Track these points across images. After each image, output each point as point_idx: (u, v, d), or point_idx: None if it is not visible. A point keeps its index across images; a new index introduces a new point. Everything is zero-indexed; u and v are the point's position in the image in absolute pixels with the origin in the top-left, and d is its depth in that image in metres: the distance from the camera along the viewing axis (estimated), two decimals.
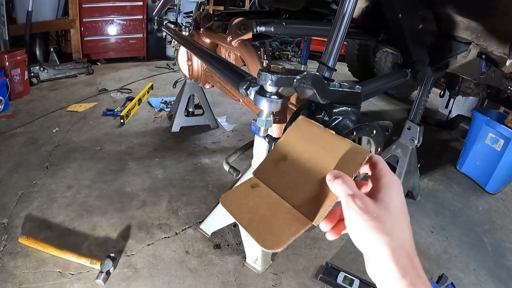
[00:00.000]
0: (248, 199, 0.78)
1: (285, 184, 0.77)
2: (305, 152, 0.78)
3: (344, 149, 0.72)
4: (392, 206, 0.59)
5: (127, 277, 2.19)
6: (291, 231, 0.68)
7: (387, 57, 5.91)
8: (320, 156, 0.74)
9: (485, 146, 3.49)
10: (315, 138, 0.79)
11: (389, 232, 0.56)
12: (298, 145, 0.80)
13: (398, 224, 0.58)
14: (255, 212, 0.74)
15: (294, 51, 8.57)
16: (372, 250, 0.57)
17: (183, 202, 2.90)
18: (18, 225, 2.51)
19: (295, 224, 0.69)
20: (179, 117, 4.08)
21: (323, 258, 2.45)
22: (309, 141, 0.79)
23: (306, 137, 0.81)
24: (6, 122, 4.06)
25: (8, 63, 4.56)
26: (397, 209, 0.60)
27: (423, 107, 2.88)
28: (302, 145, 0.80)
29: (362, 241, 0.58)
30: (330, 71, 1.25)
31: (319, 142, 0.77)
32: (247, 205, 0.76)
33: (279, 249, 0.65)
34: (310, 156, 0.76)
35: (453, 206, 3.25)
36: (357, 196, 0.59)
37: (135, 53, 7.33)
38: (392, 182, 0.63)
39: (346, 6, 1.23)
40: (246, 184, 0.82)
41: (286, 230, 0.68)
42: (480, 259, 2.64)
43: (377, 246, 0.56)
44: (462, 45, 2.29)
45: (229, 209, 0.77)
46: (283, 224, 0.70)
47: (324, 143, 0.76)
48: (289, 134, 0.84)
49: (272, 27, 2.08)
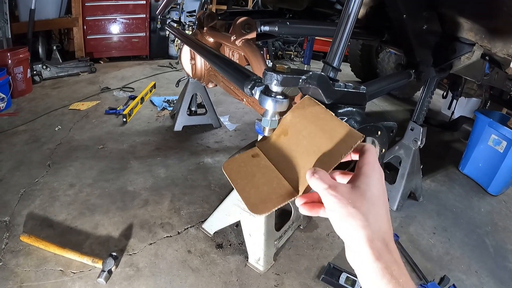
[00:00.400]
0: (247, 167, 0.85)
1: (282, 157, 0.83)
2: (304, 130, 0.82)
3: (340, 132, 0.74)
4: (369, 193, 0.61)
5: (129, 276, 2.18)
6: (278, 200, 0.74)
7: (390, 58, 5.90)
8: (317, 135, 0.78)
9: (487, 147, 3.49)
10: (316, 118, 0.83)
11: (364, 217, 0.58)
12: (300, 122, 0.85)
13: (374, 210, 0.60)
14: (250, 179, 0.81)
15: (297, 51, 8.57)
16: (349, 236, 0.59)
17: (185, 201, 2.90)
18: (20, 223, 2.51)
19: (283, 194, 0.75)
20: (182, 116, 4.08)
21: (325, 258, 2.45)
22: (310, 120, 0.83)
23: (308, 116, 0.85)
24: (8, 120, 4.07)
25: (10, 61, 4.58)
26: (374, 196, 0.61)
27: (426, 108, 2.88)
28: (303, 123, 0.84)
29: (340, 227, 0.60)
30: (335, 71, 1.25)
31: (319, 122, 0.81)
32: (245, 172, 0.84)
33: (263, 214, 0.72)
34: (308, 134, 0.80)
35: (455, 207, 3.25)
36: (332, 186, 0.61)
37: (137, 52, 7.35)
38: (372, 170, 0.64)
39: (351, 6, 1.22)
40: (248, 153, 0.89)
41: (274, 198, 0.74)
42: (482, 261, 2.63)
43: (353, 231, 0.58)
44: (466, 46, 2.29)
45: (229, 173, 0.85)
46: (272, 193, 0.76)
47: (323, 123, 0.80)
48: (293, 111, 0.90)
49: (276, 27, 2.07)
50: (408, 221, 2.95)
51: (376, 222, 0.59)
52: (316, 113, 0.84)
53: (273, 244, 2.34)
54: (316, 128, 0.80)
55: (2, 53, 4.70)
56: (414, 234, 2.81)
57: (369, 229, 0.57)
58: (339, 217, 0.59)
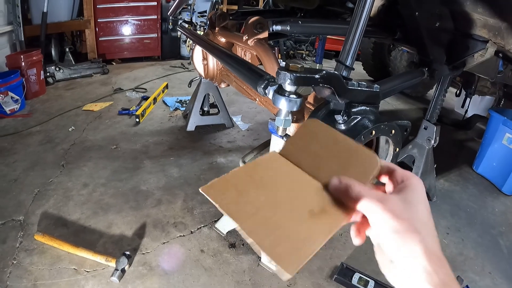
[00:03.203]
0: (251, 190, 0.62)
1: None
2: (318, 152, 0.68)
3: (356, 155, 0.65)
4: (420, 208, 0.58)
5: (142, 275, 2.20)
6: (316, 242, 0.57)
7: (402, 56, 5.86)
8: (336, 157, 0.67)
9: (502, 146, 3.44)
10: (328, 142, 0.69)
11: (419, 231, 0.55)
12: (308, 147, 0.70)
13: (425, 225, 0.57)
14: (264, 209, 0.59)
15: (309, 50, 8.54)
16: (404, 253, 0.55)
17: (198, 201, 2.90)
18: (34, 222, 2.55)
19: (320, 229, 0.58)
20: (194, 116, 4.09)
21: (338, 258, 2.44)
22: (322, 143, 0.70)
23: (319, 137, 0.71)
24: (22, 121, 4.12)
25: (24, 63, 4.63)
26: (425, 212, 0.58)
27: (439, 107, 2.85)
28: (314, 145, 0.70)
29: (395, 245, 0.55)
30: (348, 70, 1.25)
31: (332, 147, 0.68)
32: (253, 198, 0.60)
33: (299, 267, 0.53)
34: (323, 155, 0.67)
35: (469, 207, 3.21)
36: (379, 199, 0.56)
37: (149, 53, 7.38)
38: (417, 184, 0.62)
39: (363, 5, 1.22)
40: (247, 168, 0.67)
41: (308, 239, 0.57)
42: (495, 262, 2.60)
43: (411, 247, 0.54)
44: (479, 43, 2.26)
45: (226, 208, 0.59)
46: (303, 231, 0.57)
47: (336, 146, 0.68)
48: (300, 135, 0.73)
49: (288, 26, 2.07)
50: None
51: (428, 237, 0.56)
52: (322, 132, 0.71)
53: None
54: (329, 149, 0.68)
55: (16, 56, 4.77)
56: None
57: (424, 244, 0.54)
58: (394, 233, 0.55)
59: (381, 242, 0.57)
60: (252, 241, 0.53)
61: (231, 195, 0.59)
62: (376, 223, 0.57)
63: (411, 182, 0.62)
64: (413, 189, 0.61)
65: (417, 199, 0.59)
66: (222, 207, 0.57)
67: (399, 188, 0.62)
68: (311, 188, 0.62)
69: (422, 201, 0.60)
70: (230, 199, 0.58)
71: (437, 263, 0.54)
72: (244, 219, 0.56)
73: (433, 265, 0.53)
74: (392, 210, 0.55)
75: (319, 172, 0.64)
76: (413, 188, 0.61)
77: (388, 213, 0.55)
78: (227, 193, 0.59)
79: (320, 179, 0.63)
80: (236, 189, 0.60)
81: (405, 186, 0.61)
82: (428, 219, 0.58)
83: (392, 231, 0.55)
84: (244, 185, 0.61)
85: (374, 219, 0.57)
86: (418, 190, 0.61)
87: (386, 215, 0.55)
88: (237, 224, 0.56)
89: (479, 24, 2.17)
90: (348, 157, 0.65)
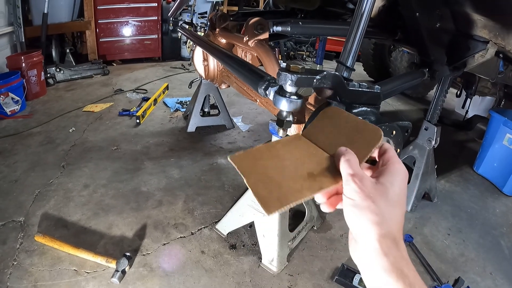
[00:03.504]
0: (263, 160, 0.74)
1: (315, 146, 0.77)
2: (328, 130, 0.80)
3: (364, 128, 0.74)
4: (392, 192, 0.60)
5: (142, 276, 2.20)
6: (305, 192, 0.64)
7: (402, 57, 5.86)
8: (343, 133, 0.76)
9: (502, 147, 3.44)
10: (338, 119, 0.81)
11: (380, 215, 0.57)
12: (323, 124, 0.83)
13: (391, 210, 0.59)
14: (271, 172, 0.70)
15: (309, 50, 8.54)
16: (360, 229, 0.58)
17: (199, 202, 2.91)
18: (34, 223, 2.54)
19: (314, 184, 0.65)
20: (195, 117, 4.10)
21: (339, 259, 2.44)
22: (332, 121, 0.82)
23: (330, 117, 0.84)
24: (23, 122, 4.12)
25: (24, 64, 4.64)
26: (395, 196, 0.60)
27: (440, 107, 2.85)
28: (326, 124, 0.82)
29: (353, 218, 0.59)
30: (349, 71, 1.25)
31: (341, 122, 0.80)
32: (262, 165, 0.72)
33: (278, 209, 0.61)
34: (333, 132, 0.78)
35: (470, 208, 3.21)
36: (357, 175, 0.59)
37: (150, 54, 7.40)
38: (398, 170, 0.63)
39: (364, 5, 1.22)
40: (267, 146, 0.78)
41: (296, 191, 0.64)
42: (497, 263, 2.60)
43: (366, 225, 0.57)
44: (480, 44, 2.26)
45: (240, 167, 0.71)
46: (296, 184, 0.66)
47: (344, 123, 0.79)
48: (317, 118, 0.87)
49: (288, 27, 2.07)
50: (423, 222, 2.93)
51: (390, 221, 0.58)
52: (337, 115, 0.83)
53: (286, 245, 2.33)
54: (341, 128, 0.78)
55: (16, 57, 4.78)
56: (428, 236, 2.78)
57: (382, 227, 0.56)
58: (355, 207, 0.58)
59: (345, 213, 0.60)
60: None
61: (249, 161, 0.72)
62: (344, 192, 0.60)
63: (393, 167, 0.64)
64: (392, 174, 0.62)
65: (391, 184, 0.61)
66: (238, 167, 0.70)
67: (380, 169, 0.64)
68: (319, 158, 0.71)
69: (397, 187, 0.61)
70: (246, 163, 0.71)
71: (390, 246, 0.56)
72: (250, 174, 0.68)
73: (384, 247, 0.56)
74: (361, 185, 0.58)
75: (330, 147, 0.73)
76: (393, 173, 0.63)
77: (356, 185, 0.58)
78: (246, 160, 0.72)
79: (330, 152, 0.71)
80: (254, 157, 0.73)
81: (385, 169, 0.64)
82: (397, 206, 0.60)
83: (352, 204, 0.59)
84: (261, 155, 0.73)
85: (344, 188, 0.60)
86: (397, 176, 0.63)
87: (353, 186, 0.58)
88: (244, 178, 0.67)
89: (479, 24, 2.17)
90: (355, 132, 0.73)
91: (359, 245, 0.59)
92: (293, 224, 2.50)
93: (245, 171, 0.69)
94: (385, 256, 0.55)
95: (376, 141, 0.68)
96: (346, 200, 0.60)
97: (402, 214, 0.61)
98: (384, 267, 0.55)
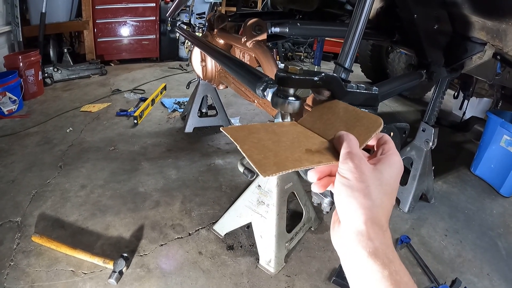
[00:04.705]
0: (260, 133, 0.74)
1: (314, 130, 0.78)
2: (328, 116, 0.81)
3: (363, 116, 0.74)
4: (386, 180, 0.60)
5: (140, 277, 2.19)
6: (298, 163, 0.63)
7: (400, 58, 5.87)
8: (343, 120, 0.77)
9: (499, 148, 3.45)
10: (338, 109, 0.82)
11: (371, 199, 0.56)
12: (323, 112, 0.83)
13: (382, 198, 0.58)
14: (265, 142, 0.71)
15: (307, 52, 8.55)
16: (348, 211, 0.58)
17: (196, 202, 2.90)
18: (31, 224, 2.54)
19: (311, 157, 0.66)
20: (193, 117, 4.09)
21: (337, 260, 2.43)
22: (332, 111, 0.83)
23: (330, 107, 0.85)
24: (20, 122, 4.11)
25: (22, 63, 4.64)
26: (388, 186, 0.60)
27: (438, 109, 2.85)
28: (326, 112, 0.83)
29: (343, 198, 0.58)
30: (347, 72, 1.25)
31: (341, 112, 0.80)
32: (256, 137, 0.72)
33: None
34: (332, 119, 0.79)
35: (467, 209, 3.21)
36: (356, 156, 0.59)
37: (148, 54, 7.39)
38: (396, 162, 0.63)
39: (362, 7, 1.22)
40: None
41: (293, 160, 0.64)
42: (494, 264, 2.60)
43: (354, 207, 0.57)
44: (477, 46, 2.27)
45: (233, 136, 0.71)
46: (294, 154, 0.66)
47: (344, 112, 0.80)
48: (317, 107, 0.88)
49: (286, 28, 2.07)
50: (420, 223, 2.93)
51: (380, 208, 0.57)
52: (337, 106, 0.84)
53: (284, 246, 2.33)
54: (340, 116, 0.79)
55: (14, 56, 4.77)
56: (426, 236, 2.78)
57: (372, 211, 0.56)
58: (348, 187, 0.57)
59: (335, 193, 0.60)
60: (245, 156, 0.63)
61: (243, 133, 0.70)
62: (339, 170, 0.60)
63: (392, 158, 0.64)
64: (390, 164, 0.62)
65: (387, 173, 0.61)
66: (231, 136, 0.68)
67: (379, 157, 0.64)
68: (316, 140, 0.71)
69: (392, 178, 0.61)
70: (240, 134, 0.70)
71: (377, 231, 0.56)
72: (244, 142, 0.66)
73: (370, 231, 0.55)
74: (358, 165, 0.58)
75: (327, 133, 0.73)
76: (391, 164, 0.62)
77: (353, 164, 0.58)
78: (241, 131, 0.71)
79: (327, 137, 0.72)
80: (249, 131, 0.71)
81: (384, 158, 0.63)
82: (388, 196, 0.60)
83: (345, 183, 0.58)
84: (257, 130, 0.73)
85: (340, 166, 0.60)
86: (394, 168, 0.63)
87: (350, 165, 0.58)
88: (238, 145, 0.65)
89: (477, 26, 2.17)
90: (355, 120, 0.73)
91: (343, 227, 0.58)
92: (290, 225, 2.49)
93: (238, 139, 0.67)
94: (370, 240, 0.55)
95: (376, 127, 0.68)
96: (339, 179, 0.59)
97: (391, 205, 0.61)
98: (369, 251, 0.54)
